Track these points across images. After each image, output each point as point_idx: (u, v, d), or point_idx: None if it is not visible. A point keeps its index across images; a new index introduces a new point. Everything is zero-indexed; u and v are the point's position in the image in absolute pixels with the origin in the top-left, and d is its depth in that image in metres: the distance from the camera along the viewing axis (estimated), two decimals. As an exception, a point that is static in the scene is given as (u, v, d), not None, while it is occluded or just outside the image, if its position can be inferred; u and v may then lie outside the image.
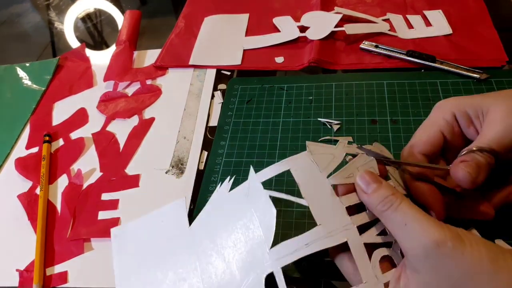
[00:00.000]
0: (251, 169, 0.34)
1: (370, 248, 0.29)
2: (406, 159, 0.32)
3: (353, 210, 0.30)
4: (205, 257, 0.33)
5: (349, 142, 0.33)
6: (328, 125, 0.46)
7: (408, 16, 0.58)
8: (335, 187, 0.31)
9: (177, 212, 0.39)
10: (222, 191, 0.36)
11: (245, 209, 0.32)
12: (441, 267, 0.25)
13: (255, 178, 0.32)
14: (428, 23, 0.57)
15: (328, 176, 0.31)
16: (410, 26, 0.57)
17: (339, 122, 0.46)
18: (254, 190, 0.32)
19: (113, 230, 0.41)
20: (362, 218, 0.30)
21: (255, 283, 0.29)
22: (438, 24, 0.56)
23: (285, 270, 0.32)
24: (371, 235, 0.29)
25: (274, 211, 0.30)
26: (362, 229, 0.29)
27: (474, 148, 0.29)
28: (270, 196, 0.31)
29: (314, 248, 0.29)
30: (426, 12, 0.58)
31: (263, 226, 0.31)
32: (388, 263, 0.30)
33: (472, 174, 0.28)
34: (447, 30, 0.54)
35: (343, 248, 0.29)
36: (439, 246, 0.25)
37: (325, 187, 0.30)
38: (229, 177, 0.36)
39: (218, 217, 0.35)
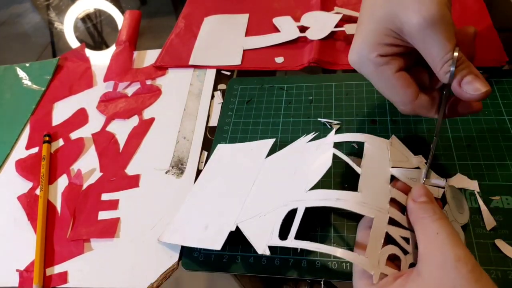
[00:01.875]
0: (333, 130, 0.39)
1: (388, 242, 0.30)
2: None
3: (394, 205, 0.32)
4: (260, 181, 0.39)
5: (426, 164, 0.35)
6: (328, 125, 0.46)
7: (408, 16, 0.58)
8: (395, 180, 0.33)
9: (265, 145, 0.44)
10: (302, 140, 0.41)
11: (309, 158, 0.37)
12: (448, 281, 0.25)
13: (332, 137, 0.37)
14: (428, 23, 0.56)
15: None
16: (410, 26, 0.57)
17: (339, 122, 0.46)
18: (325, 145, 0.37)
19: (219, 146, 0.47)
20: (398, 215, 0.31)
21: (278, 212, 0.34)
22: (438, 24, 0.56)
23: (286, 269, 0.32)
24: (396, 232, 0.31)
25: (329, 164, 0.34)
26: (391, 224, 0.31)
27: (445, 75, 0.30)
28: (334, 154, 0.35)
29: (341, 205, 0.31)
30: (426, 12, 0.58)
31: (313, 171, 0.35)
32: (394, 264, 0.30)
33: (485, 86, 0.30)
34: (447, 30, 0.54)
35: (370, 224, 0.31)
36: (459, 261, 0.26)
37: (384, 172, 0.33)
38: (314, 131, 0.42)
39: (288, 157, 0.40)
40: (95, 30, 0.76)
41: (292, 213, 0.33)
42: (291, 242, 0.31)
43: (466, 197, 0.38)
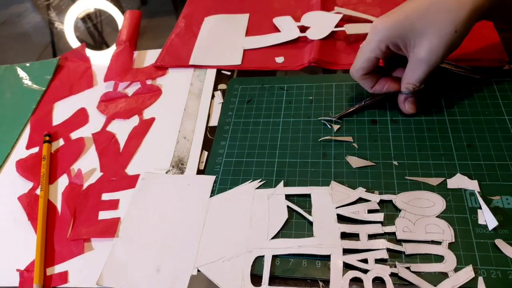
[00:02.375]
0: (281, 183, 0.42)
1: (349, 268, 0.35)
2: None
3: (345, 238, 0.37)
4: (211, 222, 0.40)
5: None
6: (328, 125, 0.46)
7: (408, 16, 0.58)
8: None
9: (206, 184, 0.44)
10: (250, 187, 0.42)
11: (263, 206, 0.40)
12: None
13: (282, 190, 0.41)
14: (428, 23, 0.56)
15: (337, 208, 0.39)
16: (410, 26, 0.57)
17: (339, 122, 0.46)
18: (277, 197, 0.41)
19: (143, 174, 0.46)
20: (350, 244, 0.36)
21: (245, 258, 0.37)
22: (438, 24, 0.56)
23: (286, 269, 0.32)
24: (352, 258, 0.35)
25: (286, 216, 0.39)
26: (347, 253, 0.36)
27: (404, 90, 0.43)
28: (288, 206, 0.40)
29: (303, 251, 0.36)
30: (426, 13, 0.58)
31: (272, 222, 0.39)
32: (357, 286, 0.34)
33: (414, 110, 0.45)
34: (447, 30, 0.54)
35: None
36: None
37: (332, 214, 0.38)
38: (260, 179, 0.43)
39: (238, 202, 0.41)
40: (96, 30, 0.76)
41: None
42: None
43: (466, 196, 0.38)
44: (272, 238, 0.38)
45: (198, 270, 0.37)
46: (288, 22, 0.61)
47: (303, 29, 0.59)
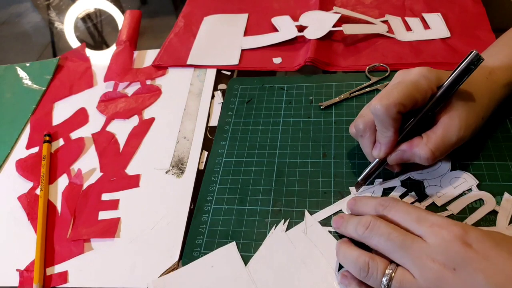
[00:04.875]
0: (306, 212, 0.39)
1: None
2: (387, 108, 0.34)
3: None
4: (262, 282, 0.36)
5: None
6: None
7: (407, 18, 0.58)
8: None
9: (229, 254, 0.38)
10: (277, 232, 0.39)
11: (306, 245, 0.37)
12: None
13: (312, 219, 0.38)
14: (426, 26, 0.56)
15: None
16: (408, 28, 0.57)
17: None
18: (312, 228, 0.38)
19: (150, 284, 0.37)
20: None
21: None
22: (437, 27, 0.56)
23: None
24: None
25: (334, 240, 0.36)
26: None
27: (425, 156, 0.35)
28: (329, 231, 0.37)
29: None
30: (425, 15, 0.58)
31: (327, 255, 0.36)
32: None
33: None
34: (445, 33, 0.54)
35: None
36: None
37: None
38: (283, 220, 0.39)
39: (278, 254, 0.37)
40: (96, 30, 0.76)
41: None
42: None
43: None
44: (339, 270, 0.34)
45: None
46: (286, 21, 0.61)
47: (301, 28, 0.59)
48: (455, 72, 0.34)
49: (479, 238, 0.28)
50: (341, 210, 0.39)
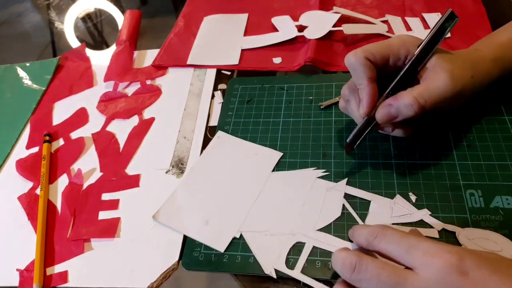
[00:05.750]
0: (345, 180, 0.41)
1: None
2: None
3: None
4: (266, 194, 0.42)
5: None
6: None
7: (407, 18, 0.58)
8: None
9: (272, 158, 0.45)
10: (312, 174, 0.42)
11: (319, 196, 0.40)
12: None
13: (343, 187, 0.41)
14: (426, 26, 0.56)
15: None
16: (408, 28, 0.57)
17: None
18: (336, 192, 0.40)
19: (219, 132, 0.48)
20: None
21: (287, 239, 0.38)
22: (437, 26, 0.56)
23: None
24: None
25: (339, 214, 0.39)
26: None
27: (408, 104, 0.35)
28: (343, 205, 0.39)
29: None
30: (425, 15, 0.58)
31: (322, 215, 0.39)
32: None
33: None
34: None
35: None
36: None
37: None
38: (325, 170, 0.42)
39: (296, 185, 0.42)
40: (96, 30, 0.76)
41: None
42: (297, 274, 0.35)
43: (466, 196, 0.38)
44: (318, 229, 0.38)
45: (241, 235, 0.39)
46: (286, 21, 0.61)
47: (301, 28, 0.59)
48: (432, 30, 0.36)
49: (476, 264, 0.26)
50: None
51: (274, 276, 0.36)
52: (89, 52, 0.67)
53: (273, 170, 0.43)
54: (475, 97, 0.39)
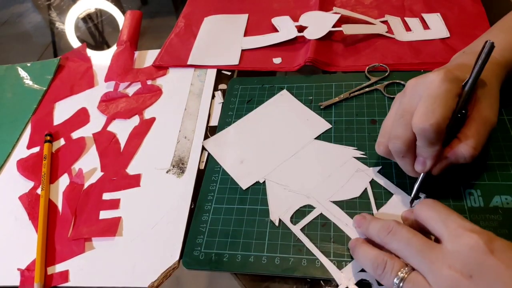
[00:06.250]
0: (379, 167, 0.41)
1: None
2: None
3: None
4: (299, 160, 0.44)
5: None
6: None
7: (406, 19, 0.58)
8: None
9: (320, 125, 0.47)
10: (350, 153, 0.44)
11: (347, 174, 0.42)
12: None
13: (373, 173, 0.41)
14: (426, 26, 0.57)
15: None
16: (408, 28, 0.57)
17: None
18: (364, 175, 0.41)
19: (283, 91, 0.51)
20: None
21: (300, 199, 0.41)
22: (436, 27, 0.56)
23: (286, 269, 0.33)
24: None
25: (357, 194, 0.40)
26: None
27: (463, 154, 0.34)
28: (366, 188, 0.41)
29: (348, 231, 0.38)
30: (425, 15, 0.58)
31: (342, 190, 0.41)
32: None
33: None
34: (445, 33, 0.54)
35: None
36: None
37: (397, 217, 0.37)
38: (364, 153, 0.43)
39: (330, 156, 0.44)
40: (96, 30, 0.76)
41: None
42: (297, 230, 0.38)
43: (466, 196, 0.38)
44: (332, 201, 0.40)
45: (264, 180, 0.43)
46: (286, 22, 0.61)
47: (301, 29, 0.59)
48: (477, 66, 0.33)
49: (505, 247, 0.27)
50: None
51: (276, 223, 0.39)
52: (90, 52, 0.67)
53: (316, 138, 0.46)
54: None
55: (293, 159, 0.44)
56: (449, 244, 0.28)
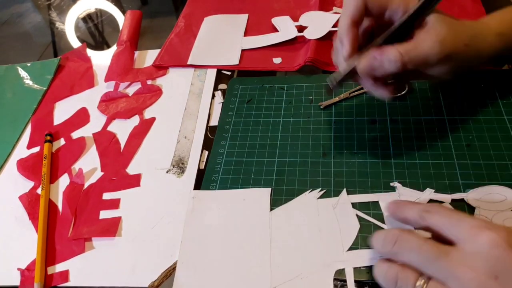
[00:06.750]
0: (344, 191, 0.40)
1: None
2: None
3: None
4: (277, 239, 0.38)
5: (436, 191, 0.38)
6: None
7: (407, 17, 0.58)
8: None
9: (262, 197, 0.41)
10: (311, 197, 0.40)
11: (330, 217, 0.38)
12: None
13: (346, 198, 0.39)
14: (426, 25, 0.56)
15: None
16: (409, 27, 0.57)
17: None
18: (343, 206, 0.39)
19: (193, 192, 0.43)
20: None
21: (326, 273, 0.35)
22: (437, 25, 0.56)
23: None
24: None
25: (358, 226, 0.37)
26: None
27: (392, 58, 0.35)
28: (357, 215, 0.38)
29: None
30: (425, 14, 0.58)
31: (344, 234, 0.37)
32: None
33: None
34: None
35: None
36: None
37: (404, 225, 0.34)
38: (320, 188, 0.41)
39: (301, 212, 0.40)
40: (96, 30, 0.76)
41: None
42: None
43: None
44: (348, 250, 0.36)
45: None
46: (286, 22, 0.61)
47: (301, 29, 0.59)
48: None
49: None
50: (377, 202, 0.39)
51: None
52: (90, 52, 0.67)
53: (271, 209, 0.40)
54: (470, 67, 0.39)
55: (275, 247, 0.37)
56: (467, 245, 0.26)
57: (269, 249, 0.37)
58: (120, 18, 0.76)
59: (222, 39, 0.62)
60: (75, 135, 0.54)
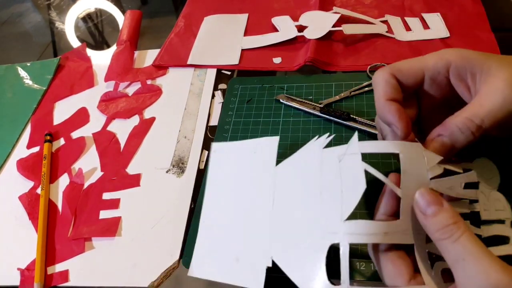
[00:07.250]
0: (355, 135, 0.30)
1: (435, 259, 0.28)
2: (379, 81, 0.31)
3: None
4: (280, 199, 0.34)
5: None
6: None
7: (406, 19, 0.58)
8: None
9: (270, 148, 0.38)
10: (316, 145, 0.33)
11: (333, 172, 0.31)
12: None
13: (357, 146, 0.30)
14: (426, 26, 0.57)
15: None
16: (408, 28, 0.57)
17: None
18: (350, 157, 0.30)
19: (213, 145, 0.41)
20: None
21: (318, 246, 0.29)
22: (436, 27, 0.56)
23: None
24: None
25: (363, 186, 0.28)
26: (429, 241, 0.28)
27: (466, 116, 0.28)
28: (365, 171, 0.29)
29: (391, 240, 0.28)
30: (424, 15, 0.58)
31: (345, 196, 0.29)
32: (448, 277, 0.27)
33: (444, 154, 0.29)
34: (445, 33, 0.54)
35: (388, 247, 0.29)
36: None
37: (425, 185, 0.28)
38: (328, 134, 0.34)
39: (304, 168, 0.33)
40: (96, 30, 0.76)
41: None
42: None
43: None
44: (347, 219, 0.28)
45: (273, 262, 0.32)
46: (286, 21, 0.61)
47: (301, 28, 0.59)
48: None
49: None
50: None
51: None
52: (89, 52, 0.67)
53: (277, 160, 0.37)
54: None
55: (276, 208, 0.34)
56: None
57: (270, 213, 0.34)
58: (120, 18, 0.76)
59: (222, 39, 0.62)
60: (75, 135, 0.54)
